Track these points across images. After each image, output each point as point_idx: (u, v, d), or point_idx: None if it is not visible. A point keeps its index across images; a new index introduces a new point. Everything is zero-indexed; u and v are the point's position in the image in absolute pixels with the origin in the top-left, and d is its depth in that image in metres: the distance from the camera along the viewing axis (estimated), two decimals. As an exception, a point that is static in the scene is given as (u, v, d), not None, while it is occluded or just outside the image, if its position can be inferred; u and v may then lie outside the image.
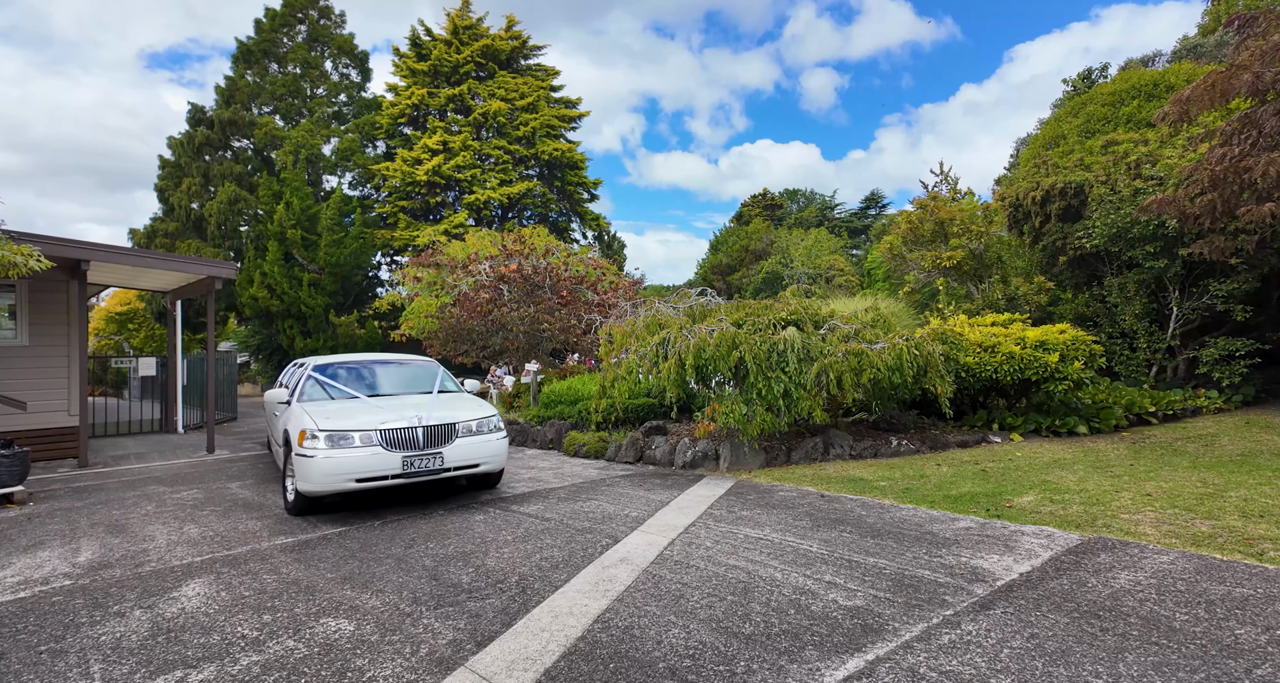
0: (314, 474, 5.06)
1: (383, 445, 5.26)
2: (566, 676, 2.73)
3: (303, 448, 5.16)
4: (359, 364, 7.02)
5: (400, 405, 5.91)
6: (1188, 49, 22.74)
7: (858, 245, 39.81)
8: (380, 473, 5.21)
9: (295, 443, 5.25)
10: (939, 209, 13.23)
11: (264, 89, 27.50)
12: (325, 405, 5.87)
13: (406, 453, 5.32)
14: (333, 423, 5.29)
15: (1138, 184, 10.36)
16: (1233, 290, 9.83)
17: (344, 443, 5.17)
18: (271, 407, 7.38)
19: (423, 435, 5.44)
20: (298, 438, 5.25)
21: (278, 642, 3.09)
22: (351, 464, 5.12)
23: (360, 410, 5.69)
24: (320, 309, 23.51)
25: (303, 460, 5.13)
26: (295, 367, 7.85)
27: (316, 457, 5.08)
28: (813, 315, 7.87)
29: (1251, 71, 5.30)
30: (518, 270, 10.91)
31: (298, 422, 5.44)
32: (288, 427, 5.63)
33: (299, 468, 5.16)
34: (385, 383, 6.78)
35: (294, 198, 23.58)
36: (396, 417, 5.48)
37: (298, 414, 5.62)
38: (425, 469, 5.37)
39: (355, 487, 5.17)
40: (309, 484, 5.12)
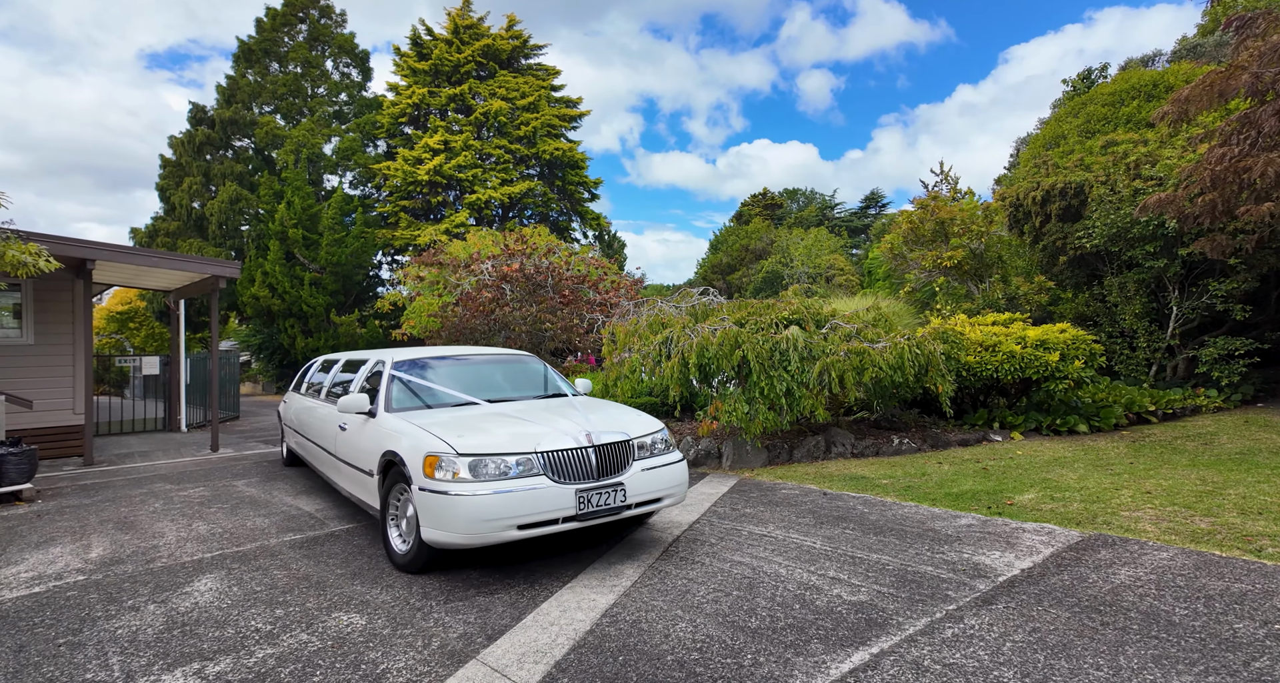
0: (458, 520, 3.57)
1: (548, 475, 3.79)
2: (576, 668, 2.78)
3: (434, 480, 3.70)
4: (450, 360, 5.53)
5: (535, 414, 4.45)
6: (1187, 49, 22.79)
7: (857, 245, 39.85)
8: (549, 515, 3.70)
9: (420, 473, 3.78)
10: (940, 209, 13.28)
11: (265, 88, 27.54)
12: (436, 416, 4.42)
13: (580, 485, 3.81)
14: (474, 443, 3.81)
15: (1137, 184, 10.40)
16: (1232, 290, 9.88)
17: (495, 472, 3.72)
18: (315, 416, 6.05)
19: (595, 459, 3.97)
20: (423, 466, 3.77)
21: (291, 635, 3.13)
22: (512, 504, 3.61)
23: (491, 423, 4.23)
24: (321, 308, 23.55)
25: (438, 500, 3.63)
26: (321, 367, 6.98)
27: (460, 495, 3.59)
28: (814, 315, 7.92)
29: (1250, 72, 5.35)
30: (520, 270, 10.95)
31: (415, 442, 3.97)
32: (393, 448, 4.11)
33: (431, 510, 3.66)
34: (488, 384, 5.28)
35: (295, 197, 23.62)
36: (551, 431, 4.02)
37: (407, 431, 4.15)
38: (604, 508, 3.87)
39: (516, 536, 3.64)
40: (450, 533, 3.60)
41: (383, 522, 4.28)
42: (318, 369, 7.09)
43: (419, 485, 3.79)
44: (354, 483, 4.90)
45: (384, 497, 4.26)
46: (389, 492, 4.23)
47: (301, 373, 7.77)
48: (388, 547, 4.20)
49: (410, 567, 3.98)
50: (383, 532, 4.27)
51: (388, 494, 4.24)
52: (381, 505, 4.29)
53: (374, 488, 4.43)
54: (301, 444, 6.67)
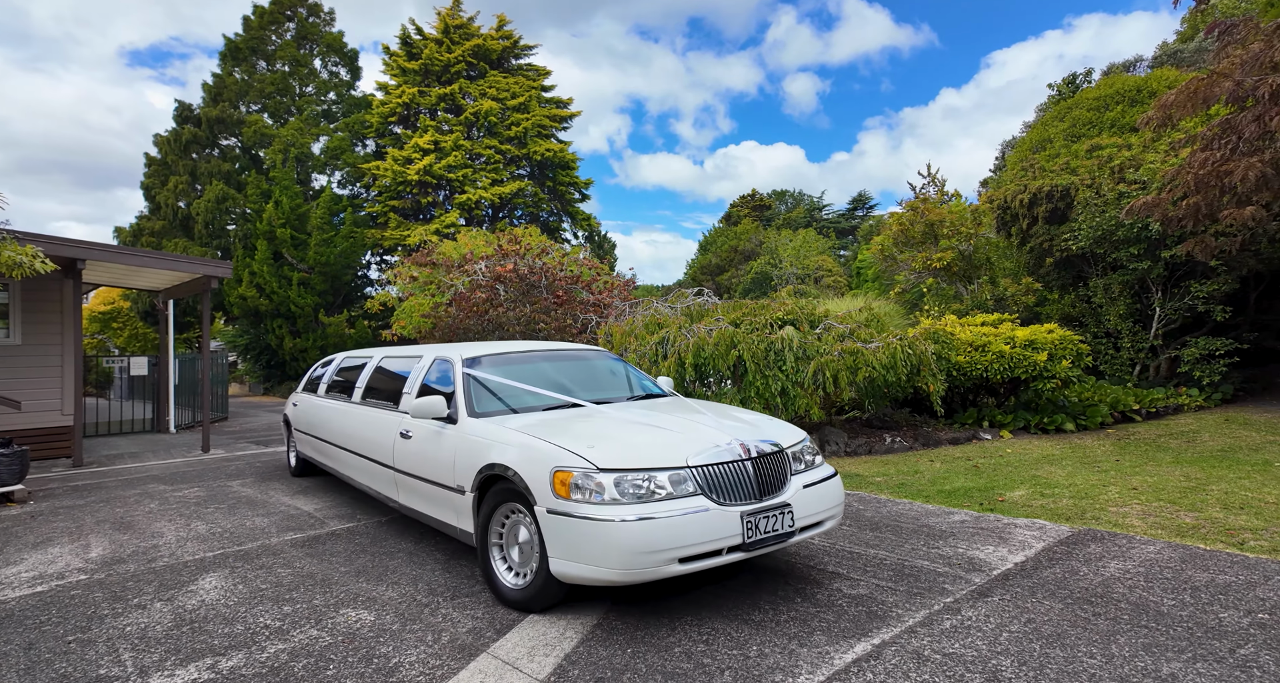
0: (611, 551, 2.91)
1: (706, 494, 3.14)
2: (587, 659, 2.83)
3: (570, 502, 3.05)
4: (522, 356, 4.77)
5: (659, 418, 3.82)
6: (1168, 55, 23.25)
7: (845, 246, 40.19)
8: (713, 545, 3.05)
9: (547, 492, 3.14)
10: (929, 211, 13.46)
11: (252, 87, 27.31)
12: (540, 421, 3.78)
13: (744, 508, 3.17)
14: (614, 455, 3.16)
15: (1122, 188, 10.63)
16: (1213, 291, 10.12)
17: (646, 492, 3.05)
18: (350, 421, 5.29)
19: (754, 474, 3.31)
20: (551, 484, 3.13)
21: (301, 631, 3.16)
22: (674, 532, 2.96)
23: (617, 430, 3.58)
24: (310, 309, 23.39)
25: (578, 527, 3.00)
26: (343, 366, 6.30)
27: (609, 520, 2.94)
28: (808, 315, 8.03)
29: (1232, 79, 5.52)
30: (514, 270, 10.97)
31: (533, 453, 3.31)
32: (499, 461, 3.44)
33: (566, 538, 3.04)
34: (572, 383, 4.57)
35: (283, 197, 23.45)
36: (694, 440, 3.37)
37: (516, 440, 3.49)
38: (771, 535, 3.23)
39: (677, 572, 3.00)
40: (599, 567, 2.95)
41: (482, 549, 3.57)
42: (339, 369, 6.34)
43: (546, 507, 3.12)
44: (429, 502, 4.09)
45: (484, 520, 3.55)
46: (491, 513, 3.52)
47: (314, 373, 7.05)
48: (491, 579, 3.51)
49: (530, 604, 3.29)
50: (482, 561, 3.56)
51: (490, 516, 3.53)
52: (481, 529, 3.58)
53: (465, 508, 3.69)
54: (325, 452, 5.91)
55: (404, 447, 4.38)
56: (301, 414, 6.70)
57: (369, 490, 5.04)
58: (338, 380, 6.17)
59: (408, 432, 4.38)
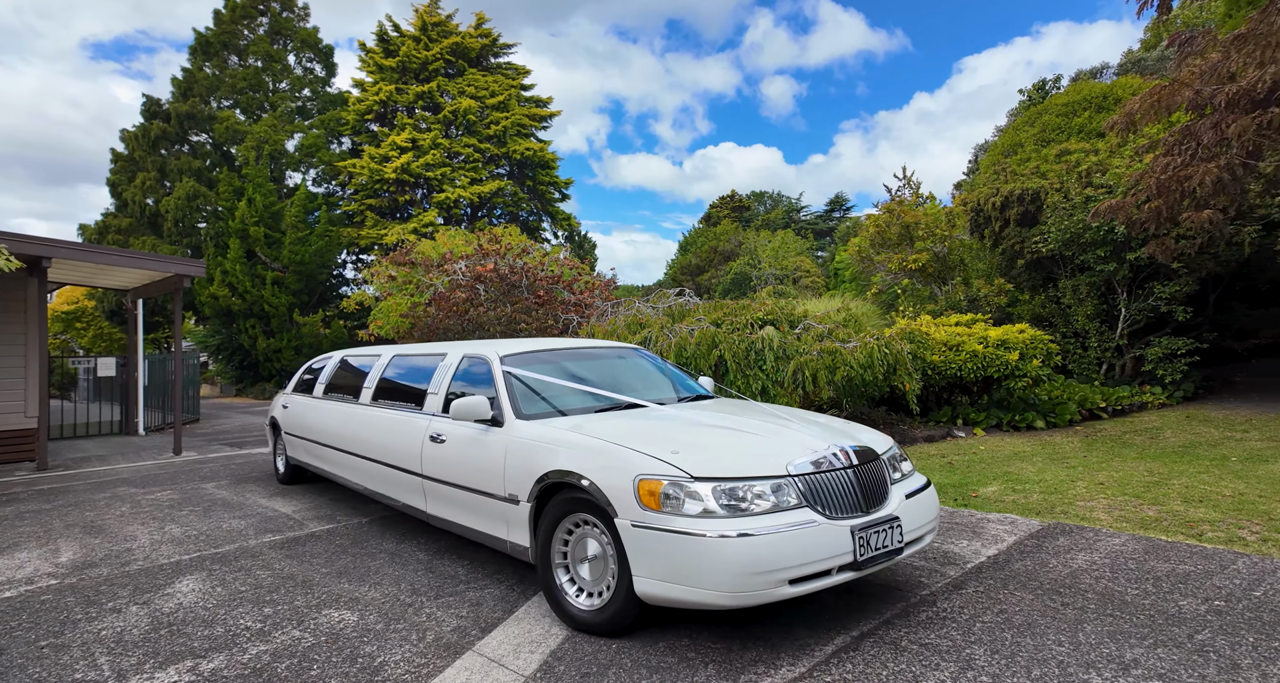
0: (716, 571, 2.62)
1: (811, 505, 2.86)
2: (572, 655, 2.86)
3: (661, 515, 2.75)
4: (560, 353, 4.48)
5: (734, 420, 3.56)
6: (1132, 63, 23.96)
7: (822, 247, 40.66)
8: (824, 564, 2.76)
9: (631, 503, 2.84)
10: (904, 213, 13.71)
11: (224, 82, 26.74)
12: (605, 424, 3.48)
13: (854, 522, 2.90)
14: (707, 462, 2.88)
15: (1089, 191, 10.94)
16: (1174, 293, 10.47)
17: (745, 504, 2.76)
18: (365, 426, 4.85)
19: (856, 483, 3.04)
20: (637, 494, 2.82)
21: (283, 632, 3.13)
22: (784, 550, 2.67)
23: (697, 434, 3.32)
24: (284, 308, 22.99)
25: (674, 543, 2.69)
26: (343, 366, 5.88)
27: (710, 536, 2.63)
28: (788, 315, 8.13)
29: (1191, 88, 5.74)
30: (495, 270, 10.93)
31: (612, 460, 3.00)
32: (564, 467, 3.12)
33: (657, 556, 2.74)
34: (616, 383, 4.29)
35: (256, 194, 23.01)
36: (787, 445, 3.11)
37: (585, 444, 3.18)
38: (882, 551, 2.95)
39: (787, 595, 2.70)
40: (701, 589, 2.65)
41: (544, 567, 3.22)
42: (339, 368, 5.93)
43: (630, 520, 2.80)
44: (470, 512, 3.75)
45: (546, 533, 3.22)
46: (554, 526, 3.20)
47: (307, 373, 6.61)
48: (555, 599, 3.18)
49: (604, 627, 2.98)
50: (544, 580, 3.22)
51: (552, 529, 3.20)
52: (542, 544, 3.23)
53: (520, 520, 3.36)
54: (326, 458, 5.50)
55: (436, 452, 4.01)
56: (294, 417, 6.27)
57: (387, 500, 4.65)
58: (339, 381, 5.76)
59: (439, 436, 4.01)
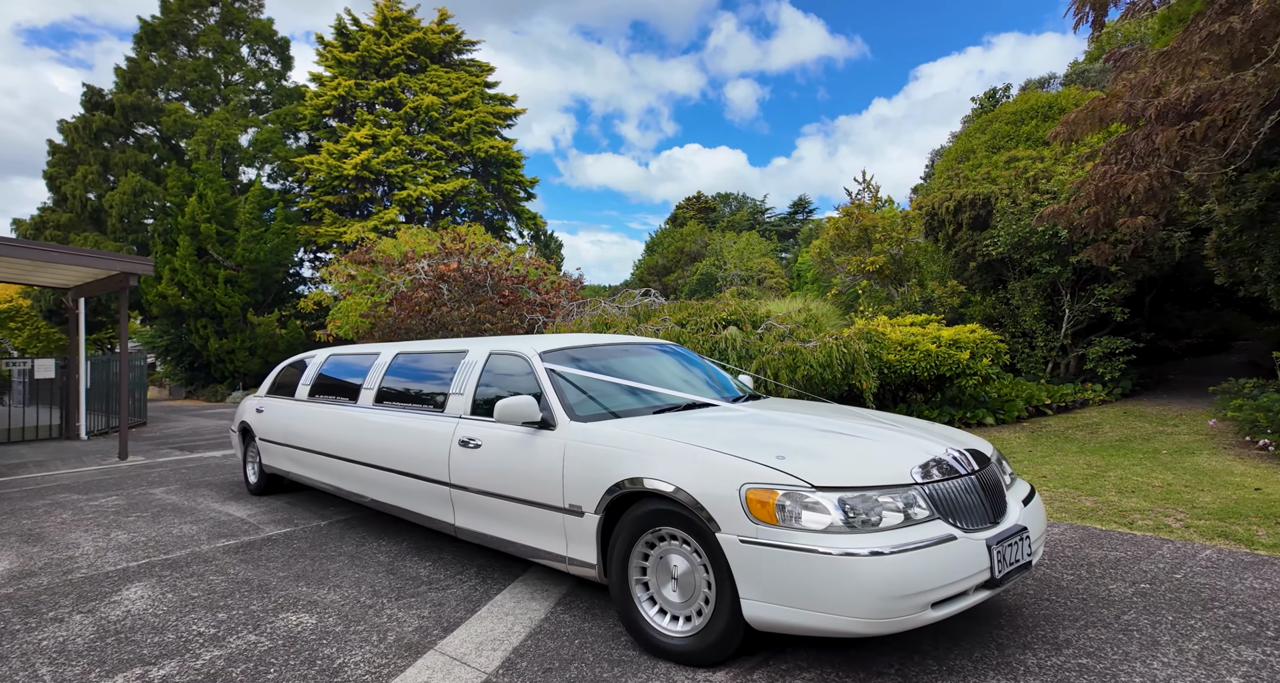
0: (851, 595, 2.31)
1: (944, 518, 2.57)
2: (535, 652, 2.88)
3: (780, 529, 2.43)
4: (598, 350, 4.14)
5: (829, 422, 3.25)
6: (1077, 74, 25.07)
7: (786, 248, 41.34)
8: (964, 583, 2.47)
9: (739, 516, 2.51)
10: (863, 217, 14.08)
11: (172, 73, 25.76)
12: (685, 425, 3.18)
13: (988, 534, 2.61)
14: (826, 469, 2.58)
15: (1035, 197, 11.43)
16: (1113, 294, 11.02)
17: (876, 516, 2.46)
18: (378, 430, 4.41)
19: (979, 489, 2.77)
20: (745, 506, 2.50)
21: (238, 637, 3.08)
22: (928, 568, 2.38)
23: (788, 435, 2.99)
24: (237, 308, 22.27)
25: (800, 562, 2.37)
26: (335, 365, 5.42)
27: (849, 555, 2.32)
28: (750, 316, 8.29)
29: (1124, 101, 6.10)
30: (458, 269, 10.82)
31: (702, 467, 2.69)
32: (647, 475, 2.80)
33: (784, 577, 2.41)
34: (654, 382, 3.95)
35: (208, 190, 22.23)
36: (900, 449, 2.83)
37: (669, 450, 2.85)
38: (1015, 565, 2.67)
39: (929, 619, 2.41)
40: (832, 614, 2.34)
41: (620, 587, 2.91)
42: (326, 368, 5.51)
43: (738, 535, 2.49)
44: (515, 525, 3.43)
45: (621, 549, 2.89)
46: (631, 541, 2.88)
47: (284, 373, 6.17)
48: (635, 624, 2.87)
49: (700, 656, 2.66)
50: (620, 602, 2.92)
51: (629, 545, 2.88)
52: (617, 562, 2.91)
53: (584, 534, 3.06)
54: (319, 466, 5.06)
55: (467, 459, 3.67)
56: (272, 422, 5.80)
57: (401, 512, 4.29)
58: (329, 382, 5.34)
59: (472, 440, 3.67)
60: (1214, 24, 4.89)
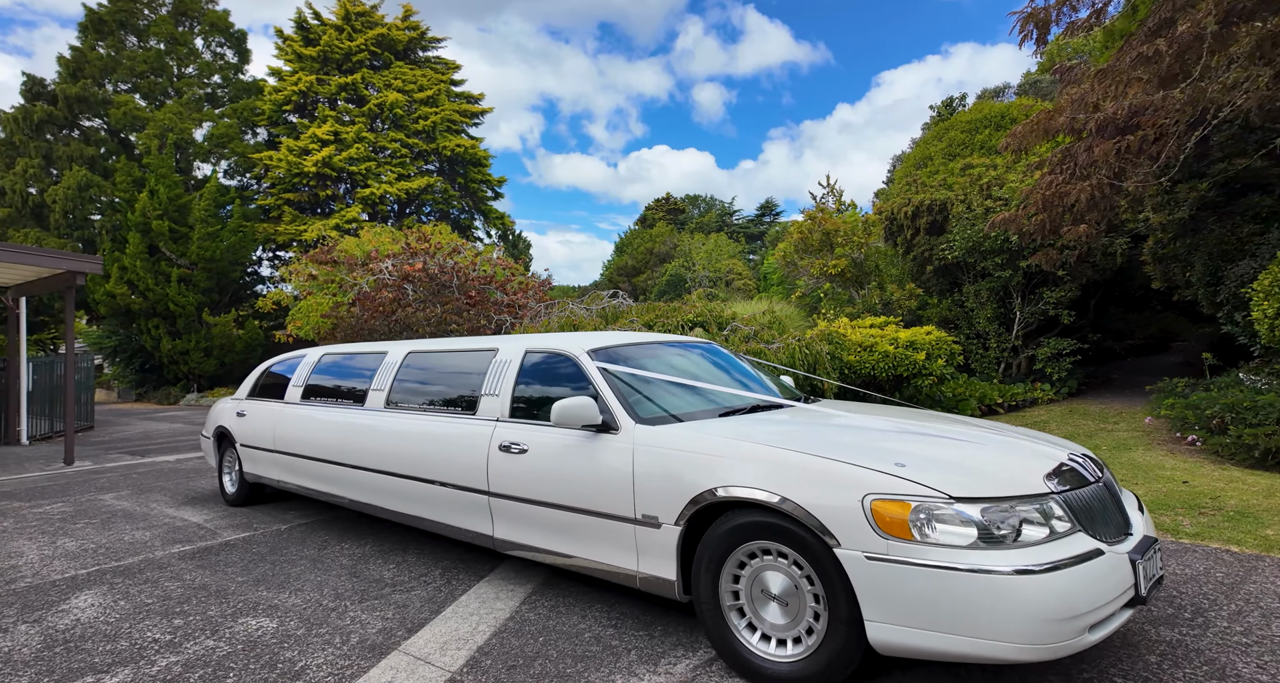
0: (1007, 619, 2.10)
1: (1085, 530, 2.37)
2: (499, 650, 2.92)
3: (915, 545, 2.23)
4: (650, 349, 3.91)
5: (902, 423, 3.14)
6: (1030, 84, 26.06)
7: (754, 250, 41.89)
8: (1116, 603, 2.29)
9: (865, 530, 2.29)
10: (826, 221, 14.40)
11: (120, 64, 24.81)
12: (771, 428, 3.00)
13: (1125, 546, 2.44)
14: (958, 478, 2.36)
15: (988, 203, 11.87)
16: (1060, 298, 11.52)
17: (1020, 530, 2.26)
18: (398, 436, 4.09)
19: (1110, 498, 2.62)
20: (874, 519, 2.29)
21: (195, 642, 3.03)
22: (1086, 587, 2.19)
23: (894, 441, 2.79)
24: (192, 308, 21.55)
25: (942, 582, 2.16)
26: (333, 367, 5.11)
27: (1003, 574, 2.12)
28: (717, 317, 8.42)
29: (1067, 115, 6.43)
30: (423, 269, 10.71)
31: (814, 475, 2.46)
32: (743, 484, 2.58)
33: (921, 597, 2.20)
34: (714, 381, 3.79)
35: (160, 185, 21.47)
36: (1027, 454, 2.67)
37: (770, 457, 2.61)
38: (1153, 580, 2.49)
39: (1088, 643, 2.20)
40: (982, 639, 2.13)
41: (711, 608, 2.68)
42: (323, 368, 5.19)
43: (862, 552, 2.29)
44: (576, 538, 3.19)
45: (710, 565, 2.67)
46: (722, 556, 2.64)
47: (270, 374, 5.80)
48: (729, 647, 2.63)
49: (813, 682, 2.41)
50: (711, 624, 2.68)
51: (719, 561, 2.65)
52: (706, 580, 2.68)
53: (662, 547, 2.83)
54: (322, 474, 4.70)
55: (510, 465, 3.43)
56: (257, 426, 5.43)
57: (425, 523, 3.98)
58: (326, 384, 5.02)
59: (515, 444, 3.44)
60: (1143, 46, 5.21)
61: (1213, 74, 5.30)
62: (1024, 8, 6.26)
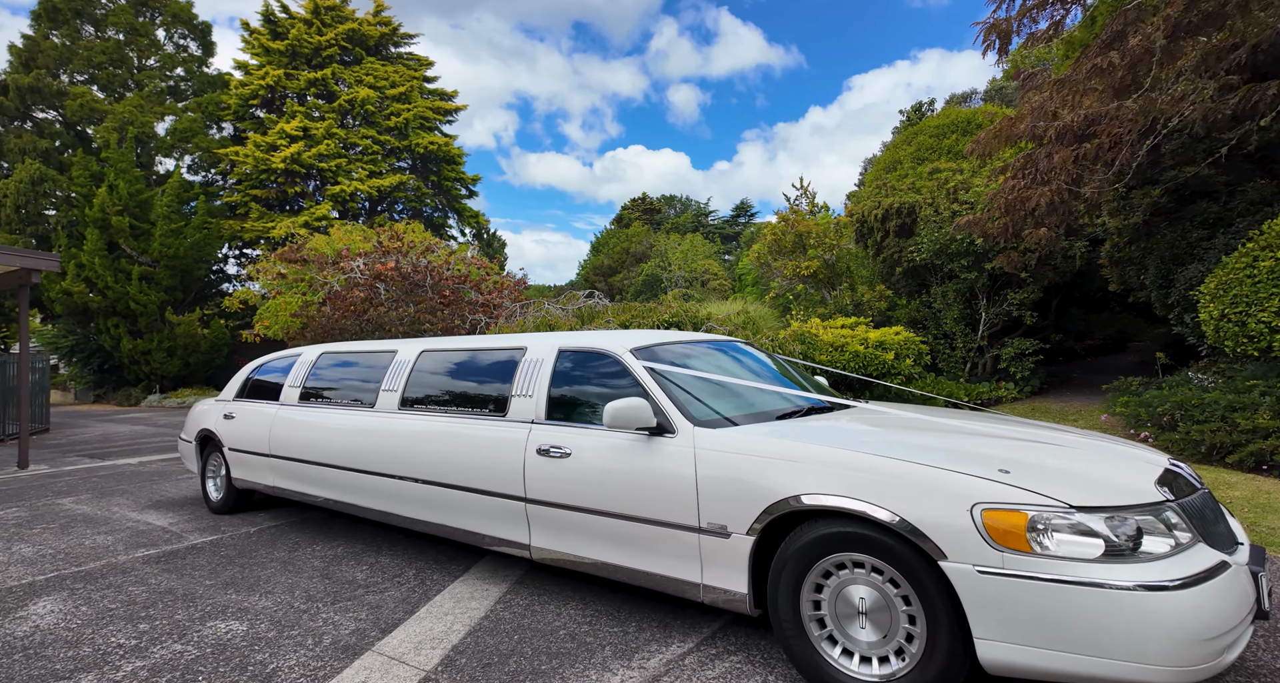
0: (1148, 640, 1.96)
1: (1206, 541, 2.24)
2: (474, 649, 2.94)
3: (1036, 557, 2.08)
4: (692, 348, 3.78)
5: (975, 424, 3.05)
6: (995, 91, 26.75)
7: (729, 251, 42.22)
8: (1244, 622, 2.15)
9: (979, 541, 2.14)
10: (798, 223, 14.62)
11: (77, 54, 24.00)
12: (830, 432, 2.90)
13: (1239, 556, 2.30)
14: (1074, 484, 2.24)
15: (955, 207, 12.18)
16: (1023, 299, 11.87)
17: (1140, 541, 2.11)
18: (421, 439, 3.87)
19: (1213, 505, 2.49)
20: (986, 531, 2.14)
21: (162, 647, 2.99)
22: (1228, 604, 2.08)
23: (980, 445, 2.65)
24: (154, 306, 20.94)
25: (1072, 597, 2.02)
26: (335, 366, 4.84)
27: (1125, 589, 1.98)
28: (692, 318, 8.51)
29: (1028, 122, 6.67)
30: (395, 268, 10.59)
31: (912, 485, 2.30)
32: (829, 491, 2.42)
33: (1047, 614, 2.05)
34: (760, 381, 3.69)
35: (120, 180, 20.82)
36: (1127, 458, 2.59)
37: (858, 463, 2.44)
38: (1268, 592, 2.32)
39: (1227, 664, 2.06)
40: (1116, 660, 1.99)
41: (792, 625, 2.51)
42: (324, 369, 4.93)
43: (974, 565, 2.14)
44: (629, 548, 3.02)
45: (789, 580, 2.51)
46: (803, 570, 2.48)
47: (262, 374, 5.50)
48: (815, 667, 2.47)
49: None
50: (794, 642, 2.51)
51: (800, 575, 2.49)
52: (784, 596, 2.52)
53: (732, 558, 2.66)
54: (326, 481, 4.45)
55: (551, 470, 3.26)
56: (248, 430, 5.15)
57: (450, 531, 3.77)
58: (328, 385, 4.77)
59: (555, 448, 3.26)
60: (1098, 57, 5.44)
61: (1162, 86, 5.55)
62: (987, 18, 6.48)
